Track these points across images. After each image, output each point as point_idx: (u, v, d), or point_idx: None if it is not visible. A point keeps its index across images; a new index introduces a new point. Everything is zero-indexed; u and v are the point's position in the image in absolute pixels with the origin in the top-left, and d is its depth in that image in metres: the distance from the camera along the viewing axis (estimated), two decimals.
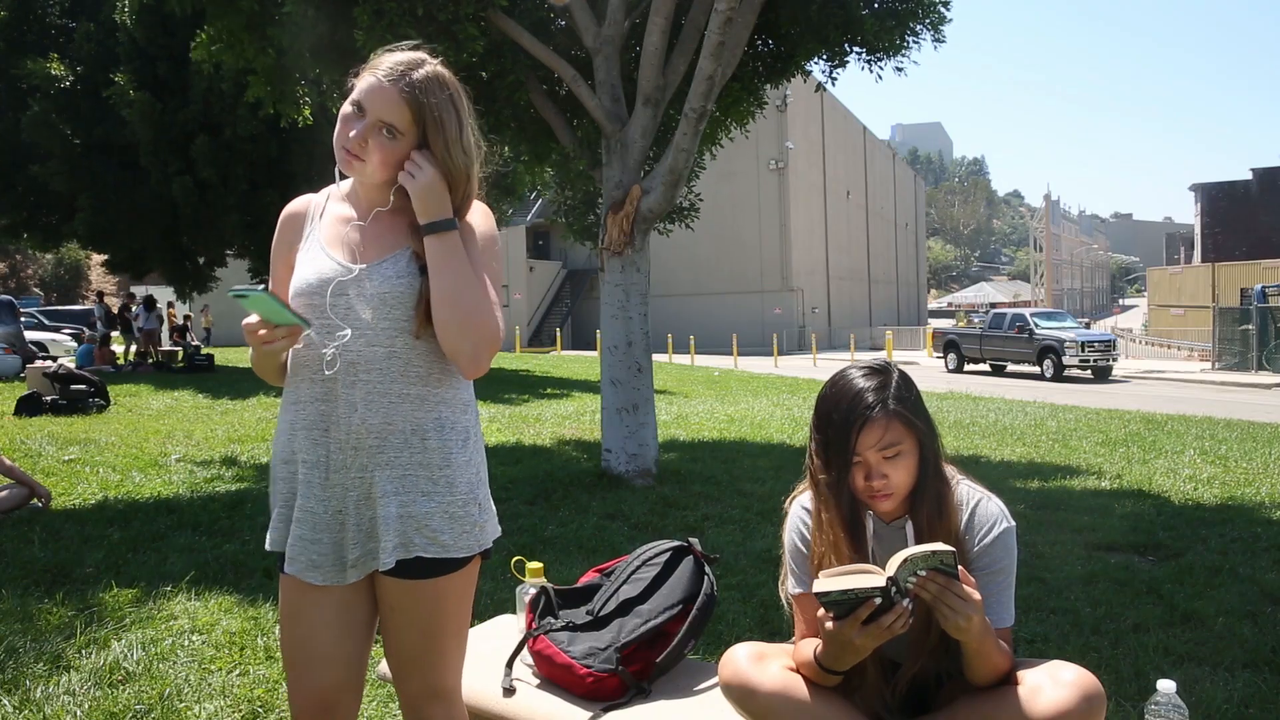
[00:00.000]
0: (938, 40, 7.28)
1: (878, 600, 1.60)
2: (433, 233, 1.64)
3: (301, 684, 1.71)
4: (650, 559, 2.41)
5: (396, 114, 1.61)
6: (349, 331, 1.63)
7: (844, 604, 1.63)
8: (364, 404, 1.62)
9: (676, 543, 2.43)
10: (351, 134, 1.62)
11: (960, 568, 1.62)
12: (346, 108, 1.64)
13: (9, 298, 18.14)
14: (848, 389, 1.80)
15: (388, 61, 1.63)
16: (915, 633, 1.73)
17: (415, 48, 1.69)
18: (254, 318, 1.58)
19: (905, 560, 1.59)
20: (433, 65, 1.65)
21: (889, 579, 1.60)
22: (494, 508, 1.77)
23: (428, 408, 1.66)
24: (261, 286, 1.55)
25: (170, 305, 24.58)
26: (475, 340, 1.62)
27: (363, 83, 1.63)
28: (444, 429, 1.67)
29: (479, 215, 1.75)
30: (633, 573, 2.39)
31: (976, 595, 1.62)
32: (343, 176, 1.74)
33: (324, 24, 6.56)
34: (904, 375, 1.83)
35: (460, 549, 1.66)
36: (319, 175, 15.58)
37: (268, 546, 1.72)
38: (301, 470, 1.66)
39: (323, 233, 1.73)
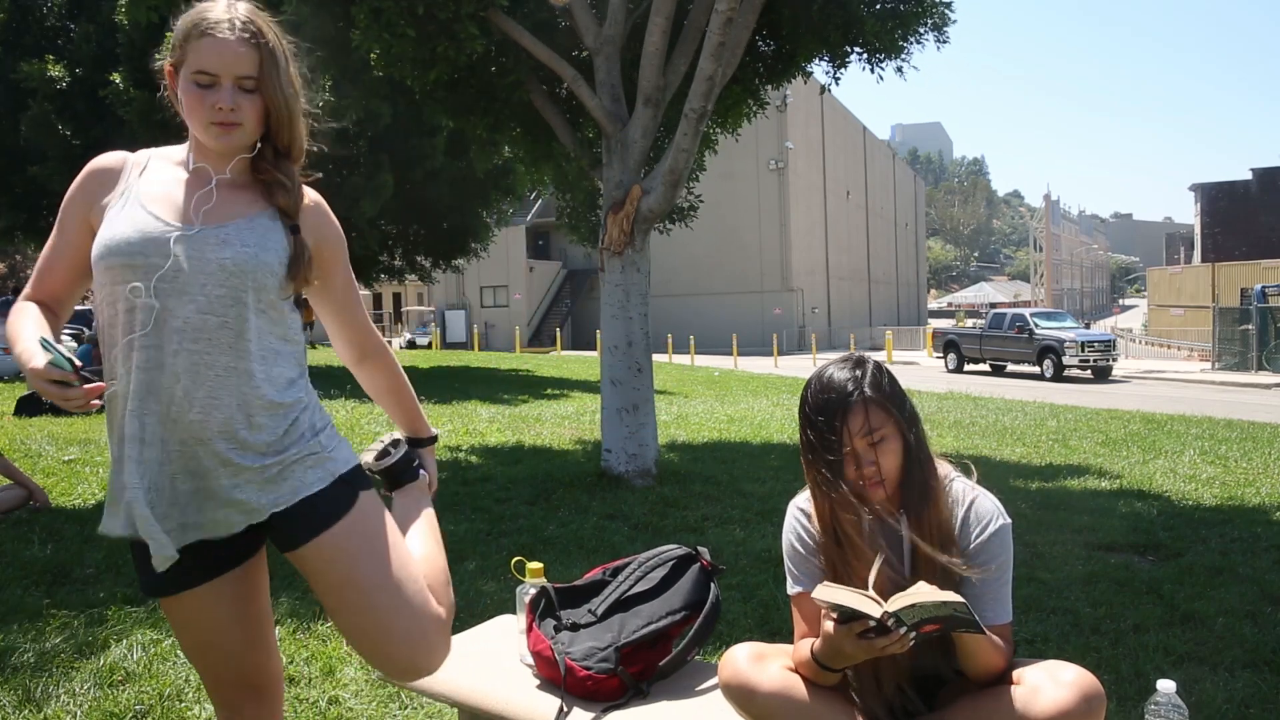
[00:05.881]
0: (941, 41, 7.26)
1: (871, 624, 1.62)
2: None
3: (223, 677, 1.72)
4: (657, 563, 2.41)
5: (248, 64, 1.55)
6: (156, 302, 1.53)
7: (841, 611, 1.66)
8: (187, 374, 1.53)
9: (685, 550, 2.43)
10: (220, 104, 1.54)
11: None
12: (191, 82, 1.55)
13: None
14: (827, 383, 1.82)
15: (212, 17, 1.55)
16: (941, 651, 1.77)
17: None
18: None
19: (914, 606, 1.59)
20: (244, 2, 1.59)
21: (886, 614, 1.60)
22: (338, 439, 1.71)
23: (254, 384, 1.58)
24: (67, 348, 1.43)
25: None
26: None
27: (199, 49, 1.54)
28: (270, 407, 1.60)
29: (325, 215, 1.73)
30: (641, 575, 2.38)
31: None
32: (182, 141, 1.66)
33: (321, 22, 6.55)
34: (879, 365, 1.86)
35: (310, 484, 1.61)
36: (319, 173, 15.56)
37: (119, 531, 1.58)
38: (125, 447, 1.56)
39: (144, 190, 1.61)
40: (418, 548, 1.82)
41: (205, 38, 1.54)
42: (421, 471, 1.96)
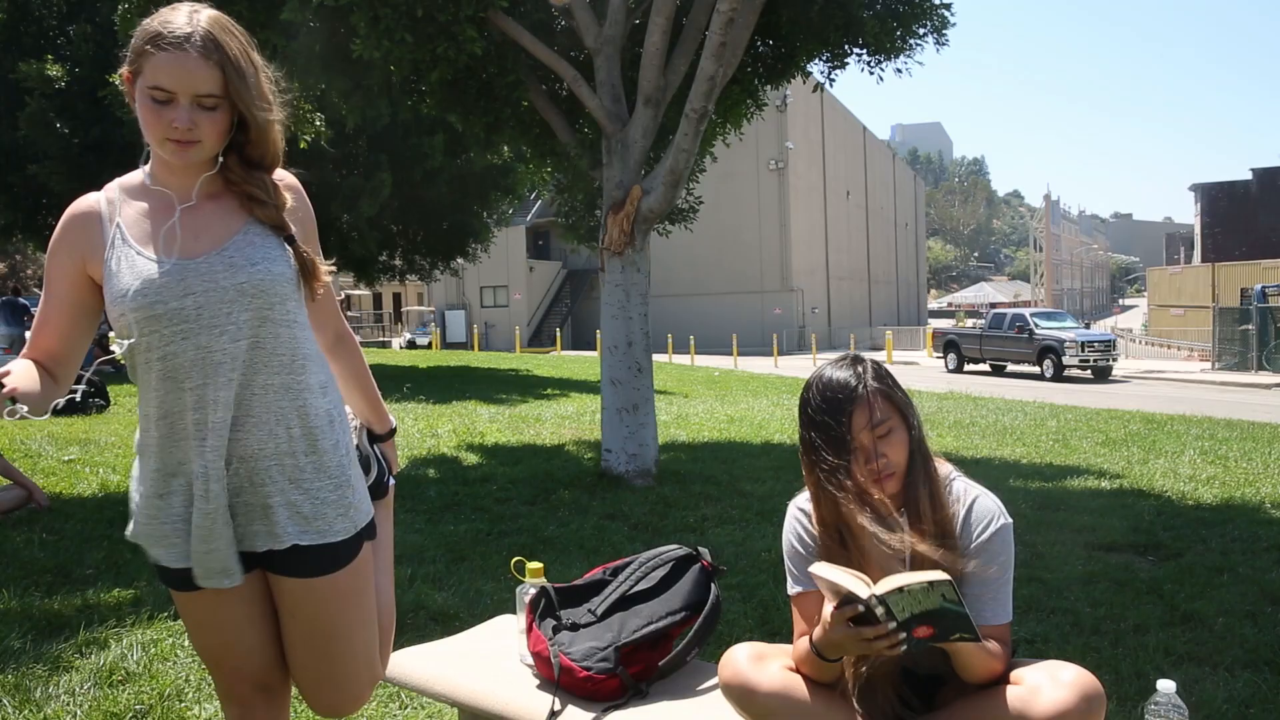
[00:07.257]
0: (940, 44, 7.28)
1: (860, 608, 1.62)
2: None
3: (238, 676, 1.74)
4: (658, 563, 2.41)
5: (208, 82, 1.48)
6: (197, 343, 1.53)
7: (837, 590, 1.66)
8: (239, 403, 1.56)
9: (685, 550, 2.43)
10: (176, 123, 1.48)
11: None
12: (148, 98, 1.49)
13: (24, 300, 18.07)
14: (829, 382, 1.83)
15: (170, 30, 1.48)
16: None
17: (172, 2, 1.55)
18: None
19: (902, 589, 1.59)
20: (208, 11, 1.52)
21: (873, 595, 1.60)
22: (363, 486, 1.75)
23: (291, 396, 1.61)
24: None
25: None
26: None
27: (155, 63, 1.48)
28: (307, 415, 1.63)
29: (299, 198, 1.71)
30: (641, 575, 2.38)
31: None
32: (146, 162, 1.63)
33: (321, 29, 6.55)
34: (875, 360, 1.88)
35: (337, 532, 1.65)
36: (317, 173, 15.59)
37: (167, 563, 1.62)
38: (184, 482, 1.59)
39: (129, 232, 1.57)
40: (382, 594, 1.87)
41: (163, 52, 1.47)
42: (390, 482, 1.98)
